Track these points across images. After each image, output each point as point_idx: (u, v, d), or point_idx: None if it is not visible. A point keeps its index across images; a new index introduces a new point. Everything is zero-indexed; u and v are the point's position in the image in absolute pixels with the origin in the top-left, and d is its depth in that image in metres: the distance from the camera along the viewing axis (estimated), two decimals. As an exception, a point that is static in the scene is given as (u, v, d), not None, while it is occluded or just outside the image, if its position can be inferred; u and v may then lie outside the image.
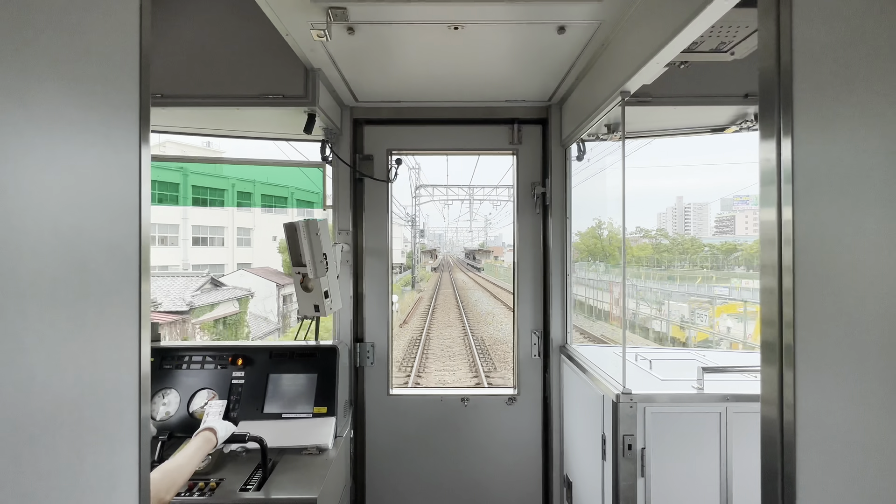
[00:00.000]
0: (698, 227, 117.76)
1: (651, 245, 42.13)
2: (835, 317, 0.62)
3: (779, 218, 0.72)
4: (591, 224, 26.74)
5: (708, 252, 39.11)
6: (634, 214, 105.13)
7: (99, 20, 0.59)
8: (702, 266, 33.89)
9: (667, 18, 1.15)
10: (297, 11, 1.34)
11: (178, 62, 1.71)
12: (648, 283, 22.85)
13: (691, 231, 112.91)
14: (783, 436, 0.71)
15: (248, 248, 23.46)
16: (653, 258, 36.42)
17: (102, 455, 0.60)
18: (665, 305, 16.58)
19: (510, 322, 2.24)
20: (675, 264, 34.63)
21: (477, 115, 2.23)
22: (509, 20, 1.41)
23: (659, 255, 37.75)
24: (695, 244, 43.67)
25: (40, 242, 0.50)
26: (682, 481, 1.55)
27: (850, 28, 0.61)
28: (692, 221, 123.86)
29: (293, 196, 21.52)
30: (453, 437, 2.24)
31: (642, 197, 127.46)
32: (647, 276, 28.13)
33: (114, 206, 0.62)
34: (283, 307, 18.32)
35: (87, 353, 0.57)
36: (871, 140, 0.57)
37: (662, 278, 27.42)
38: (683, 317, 15.12)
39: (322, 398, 1.81)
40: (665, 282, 24.14)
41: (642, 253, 37.76)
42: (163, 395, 1.82)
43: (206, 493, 1.41)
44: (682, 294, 17.46)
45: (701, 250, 40.26)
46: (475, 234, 55.59)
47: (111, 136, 0.62)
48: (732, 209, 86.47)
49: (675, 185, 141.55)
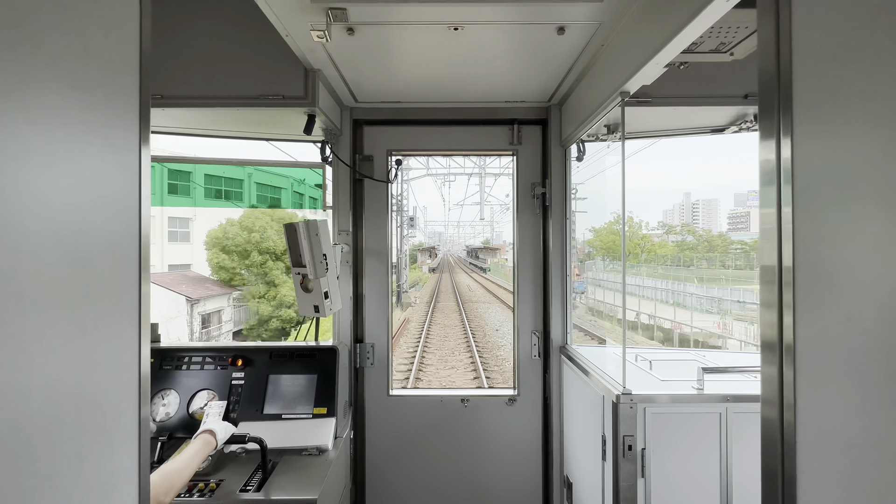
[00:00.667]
0: (708, 224, 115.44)
1: (675, 243, 37.67)
2: (835, 317, 0.62)
3: (779, 218, 0.72)
4: (609, 219, 23.57)
5: (739, 250, 34.05)
6: (639, 211, 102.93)
7: (99, 21, 0.59)
8: (734, 266, 29.54)
9: (666, 19, 1.15)
10: (296, 12, 1.34)
11: (178, 62, 1.71)
12: (689, 288, 19.59)
13: (700, 226, 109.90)
14: (783, 436, 0.71)
15: (188, 245, 18.34)
16: (677, 256, 32.47)
17: (102, 456, 0.60)
18: (723, 316, 14.69)
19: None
20: (697, 263, 30.30)
21: (477, 116, 2.23)
22: (509, 21, 1.41)
23: (683, 253, 33.60)
24: (724, 240, 38.42)
25: (40, 242, 0.50)
26: (682, 482, 1.55)
27: (849, 28, 0.61)
28: (700, 218, 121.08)
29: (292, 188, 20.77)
30: (453, 437, 2.24)
31: (647, 193, 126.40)
32: (678, 277, 24.38)
33: (114, 206, 0.62)
34: (199, 332, 12.66)
35: (86, 353, 0.57)
36: (871, 140, 0.57)
37: (696, 280, 23.52)
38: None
39: (322, 399, 1.81)
40: (705, 284, 20.53)
41: (664, 251, 34.03)
42: (162, 396, 1.82)
43: (206, 494, 1.41)
44: (738, 302, 15.56)
45: (729, 247, 35.63)
46: (478, 230, 49.42)
47: (111, 137, 0.62)
48: (747, 205, 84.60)
49: (680, 182, 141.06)
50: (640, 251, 32.89)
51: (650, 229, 38.74)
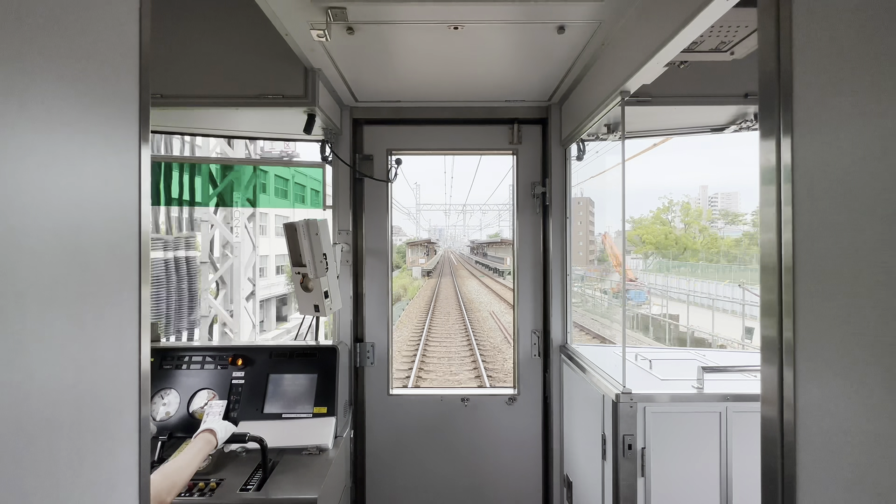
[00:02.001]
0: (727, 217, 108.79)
1: (743, 234, 29.86)
2: (835, 316, 0.62)
3: (778, 218, 0.72)
4: (657, 205, 18.65)
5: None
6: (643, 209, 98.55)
7: (99, 20, 0.59)
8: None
9: (666, 18, 1.15)
10: (296, 11, 1.34)
11: (178, 62, 1.71)
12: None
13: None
14: (783, 435, 0.71)
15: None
16: (745, 253, 26.20)
17: (102, 455, 0.60)
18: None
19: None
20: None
21: (477, 115, 2.23)
22: (509, 20, 1.41)
23: (752, 249, 27.18)
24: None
25: (40, 242, 0.50)
26: (682, 481, 1.55)
27: (850, 28, 0.61)
28: (719, 211, 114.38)
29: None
30: (453, 437, 2.24)
31: (646, 192, 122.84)
32: (755, 280, 17.46)
33: (114, 206, 0.62)
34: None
35: (86, 353, 0.57)
36: (871, 140, 0.57)
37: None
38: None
39: (322, 398, 1.81)
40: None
41: (736, 249, 26.42)
42: (163, 396, 1.82)
43: (206, 494, 1.41)
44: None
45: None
46: (485, 222, 42.95)
47: (111, 137, 0.62)
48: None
49: (682, 180, 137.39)
50: (698, 245, 24.50)
51: (710, 220, 27.92)
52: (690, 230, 21.35)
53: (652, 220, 20.82)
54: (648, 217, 20.25)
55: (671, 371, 1.81)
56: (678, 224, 21.85)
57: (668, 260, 20.00)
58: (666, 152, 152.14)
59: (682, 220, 21.40)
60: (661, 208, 20.01)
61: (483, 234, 51.62)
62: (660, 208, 20.10)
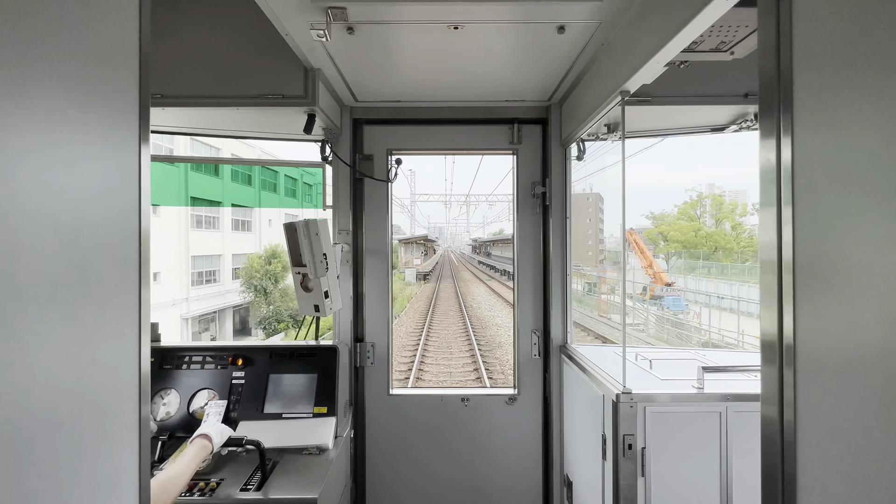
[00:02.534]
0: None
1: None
2: (835, 316, 0.62)
3: (778, 218, 0.72)
4: (682, 201, 14.52)
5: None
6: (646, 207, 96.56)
7: (99, 20, 0.59)
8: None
9: (667, 18, 1.15)
10: (296, 11, 1.34)
11: (178, 62, 1.71)
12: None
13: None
14: (783, 435, 0.71)
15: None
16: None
17: (102, 455, 0.60)
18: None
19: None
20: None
21: (477, 115, 2.23)
22: (509, 20, 1.41)
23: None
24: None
25: (40, 242, 0.50)
26: (682, 481, 1.55)
27: (850, 27, 0.61)
28: (752, 205, 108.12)
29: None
30: (454, 436, 2.24)
31: (648, 192, 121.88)
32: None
33: (114, 205, 0.62)
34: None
35: (87, 353, 0.57)
36: (871, 139, 0.57)
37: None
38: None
39: (322, 398, 1.81)
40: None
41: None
42: (163, 396, 1.82)
43: (206, 494, 1.41)
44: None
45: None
46: (489, 218, 40.43)
47: (111, 136, 0.62)
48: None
49: (685, 179, 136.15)
50: (733, 244, 20.43)
51: (744, 214, 22.06)
52: (722, 226, 18.27)
53: (678, 215, 17.90)
54: (672, 213, 17.73)
55: (671, 371, 1.81)
56: (707, 220, 18.54)
57: (699, 260, 17.10)
58: (664, 152, 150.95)
59: (713, 215, 18.27)
60: (689, 202, 17.23)
61: (485, 232, 48.73)
62: (687, 202, 17.44)
